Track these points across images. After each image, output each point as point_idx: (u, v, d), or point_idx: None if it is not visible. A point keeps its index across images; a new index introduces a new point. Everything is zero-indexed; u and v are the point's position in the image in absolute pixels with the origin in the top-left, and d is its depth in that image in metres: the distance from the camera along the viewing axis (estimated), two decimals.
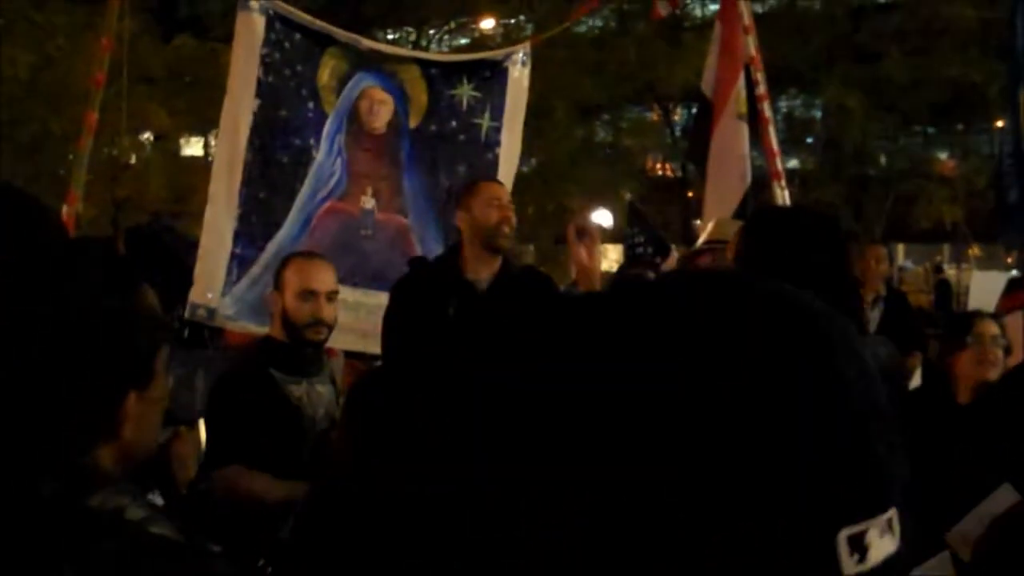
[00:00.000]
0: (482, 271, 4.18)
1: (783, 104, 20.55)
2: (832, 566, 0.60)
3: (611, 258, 16.09)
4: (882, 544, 0.61)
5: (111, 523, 1.12)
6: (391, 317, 4.27)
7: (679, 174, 21.90)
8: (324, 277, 3.82)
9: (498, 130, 6.06)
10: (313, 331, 3.76)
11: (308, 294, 3.75)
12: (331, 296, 3.81)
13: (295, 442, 3.65)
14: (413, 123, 5.95)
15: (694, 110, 18.18)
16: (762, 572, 0.60)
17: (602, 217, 17.37)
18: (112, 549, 1.08)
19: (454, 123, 6.02)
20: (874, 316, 6.47)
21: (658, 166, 24.14)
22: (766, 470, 0.60)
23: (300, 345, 3.78)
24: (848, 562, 0.60)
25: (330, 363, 4.05)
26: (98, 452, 1.22)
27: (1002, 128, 7.56)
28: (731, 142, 6.15)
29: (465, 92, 6.05)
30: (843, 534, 0.60)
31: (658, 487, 0.61)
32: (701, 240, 4.05)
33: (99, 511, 1.12)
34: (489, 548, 0.66)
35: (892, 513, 0.62)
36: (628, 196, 14.83)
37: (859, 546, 0.60)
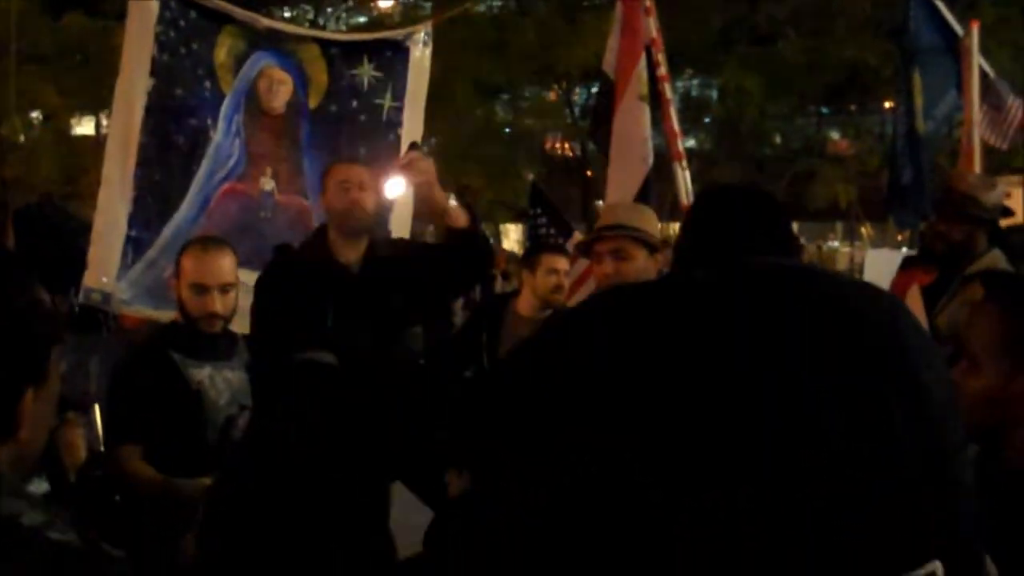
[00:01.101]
0: (350, 254, 4.12)
1: (679, 85, 20.75)
2: None
3: (512, 238, 16.13)
4: None
5: (7, 531, 1.07)
6: (263, 311, 4.07)
7: (579, 154, 22.02)
8: (216, 270, 3.74)
9: (399, 110, 6.00)
10: (207, 323, 3.72)
11: (200, 288, 3.70)
12: (225, 288, 3.74)
13: (196, 426, 3.62)
14: (313, 103, 5.87)
15: (594, 90, 18.32)
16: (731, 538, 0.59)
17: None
18: (9, 558, 1.04)
19: (355, 103, 5.94)
20: None
21: (557, 146, 24.23)
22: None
23: (199, 332, 3.73)
24: None
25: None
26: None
27: (895, 109, 7.70)
28: (633, 124, 6.16)
29: (366, 72, 5.98)
30: None
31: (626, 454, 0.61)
32: (599, 225, 4.00)
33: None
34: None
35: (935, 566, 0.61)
36: (531, 177, 14.87)
37: None
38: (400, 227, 5.71)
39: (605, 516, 0.59)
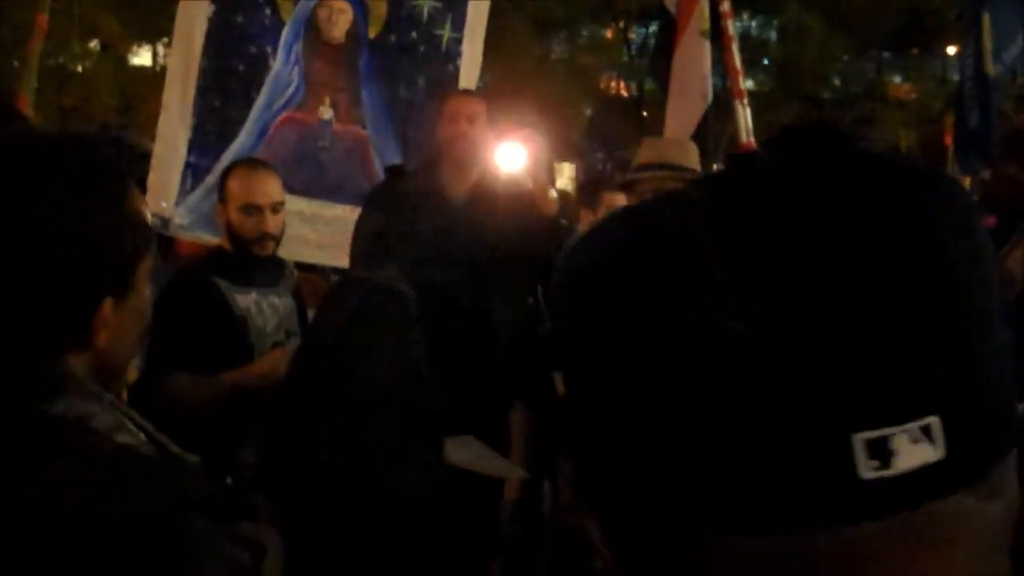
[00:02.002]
0: (456, 186, 4.09)
1: (738, 25, 20.39)
2: (847, 470, 0.58)
3: (566, 175, 16.01)
4: (915, 451, 0.59)
5: (76, 433, 1.06)
6: (364, 223, 4.16)
7: (634, 93, 21.78)
8: (267, 189, 3.73)
9: (459, 41, 5.94)
10: (259, 246, 3.69)
11: (251, 208, 3.67)
12: (276, 208, 3.72)
13: (241, 353, 3.59)
14: (372, 33, 5.83)
15: (651, 29, 18.03)
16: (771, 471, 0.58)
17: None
18: (73, 464, 1.03)
19: (414, 34, 5.89)
20: None
21: (613, 85, 23.99)
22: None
23: (249, 257, 3.70)
24: (866, 465, 0.58)
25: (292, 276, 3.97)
26: (68, 359, 1.16)
27: (962, 52, 7.53)
28: (693, 60, 6.08)
29: (425, 3, 5.92)
30: (859, 437, 0.58)
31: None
32: (641, 162, 3.90)
33: (62, 419, 1.06)
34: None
35: (931, 420, 0.59)
36: (588, 112, 14.72)
37: (881, 452, 0.58)
38: None
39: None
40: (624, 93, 23.40)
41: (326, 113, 5.70)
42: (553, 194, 3.95)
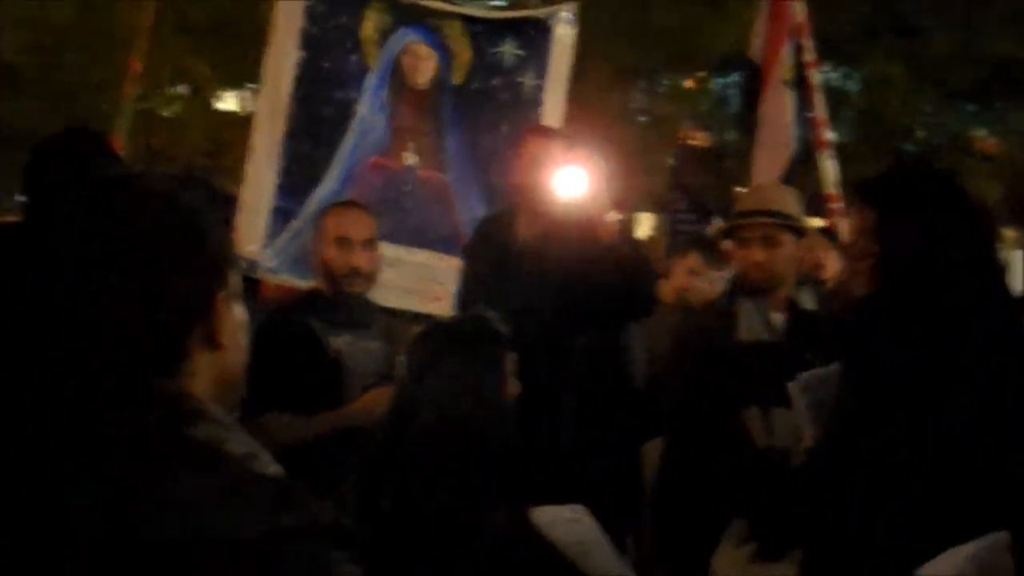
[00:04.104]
0: (532, 230, 4.08)
1: (819, 76, 20.20)
2: None
3: (646, 225, 15.97)
4: None
5: (214, 456, 1.08)
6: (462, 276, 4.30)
7: (715, 143, 21.72)
8: (359, 225, 3.76)
9: (541, 89, 5.97)
10: (350, 282, 3.69)
11: (343, 241, 3.69)
12: (367, 244, 3.73)
13: (334, 395, 3.57)
14: (456, 80, 5.89)
15: (730, 79, 17.97)
16: None
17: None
18: (215, 486, 1.04)
19: (497, 81, 5.95)
20: None
21: (692, 135, 23.93)
22: None
23: (342, 297, 3.71)
24: None
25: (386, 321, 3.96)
26: (196, 364, 1.18)
27: None
28: (777, 110, 6.07)
29: (509, 50, 5.97)
30: None
31: None
32: (745, 207, 3.85)
33: (201, 442, 1.08)
34: None
35: None
36: (670, 162, 14.69)
37: None
38: None
39: None
40: (703, 144, 23.36)
41: (410, 159, 5.75)
42: (614, 216, 3.89)
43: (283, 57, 5.56)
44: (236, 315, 1.28)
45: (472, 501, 2.39)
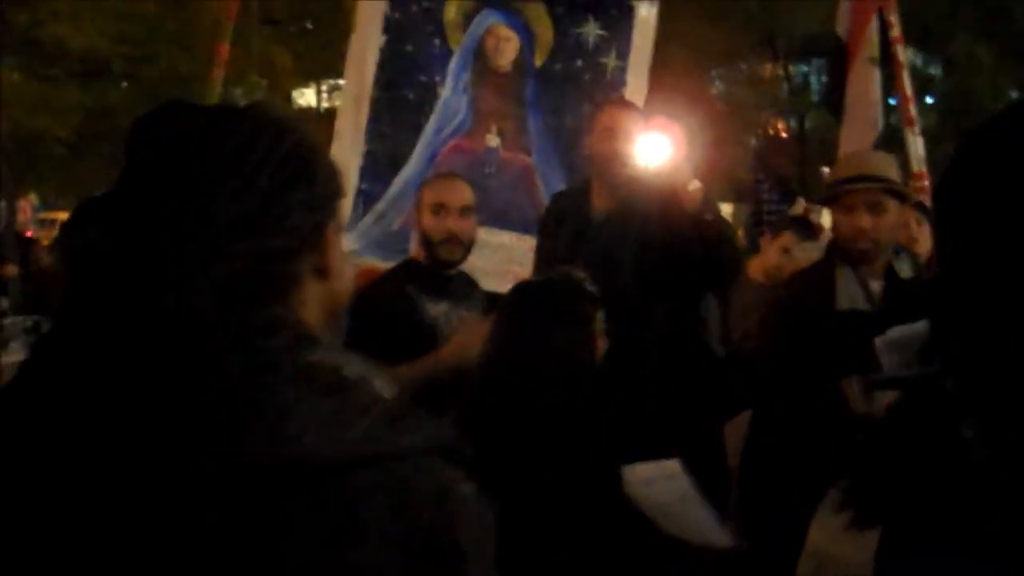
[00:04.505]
0: (603, 201, 4.04)
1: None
2: None
3: (728, 215, 15.81)
4: None
5: (333, 379, 1.09)
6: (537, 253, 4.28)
7: (794, 128, 21.47)
8: (456, 193, 3.76)
9: (624, 70, 5.95)
10: (447, 249, 3.68)
11: (439, 208, 3.69)
12: (464, 212, 3.72)
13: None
14: (538, 61, 5.89)
15: (811, 65, 17.71)
16: None
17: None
18: (336, 408, 1.06)
19: (579, 62, 5.93)
20: None
21: (771, 121, 23.67)
22: None
23: (439, 266, 3.72)
24: None
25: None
26: (306, 293, 1.19)
27: None
28: (864, 87, 5.98)
29: (591, 31, 5.95)
30: None
31: None
32: (845, 174, 3.72)
33: (322, 367, 1.09)
34: None
35: None
36: (753, 142, 14.54)
37: None
38: None
39: None
40: (782, 131, 23.09)
41: (493, 141, 5.77)
42: (696, 185, 3.78)
43: (367, 42, 5.61)
44: (343, 245, 1.29)
45: (562, 462, 2.39)
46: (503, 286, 5.16)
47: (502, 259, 5.44)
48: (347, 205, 5.45)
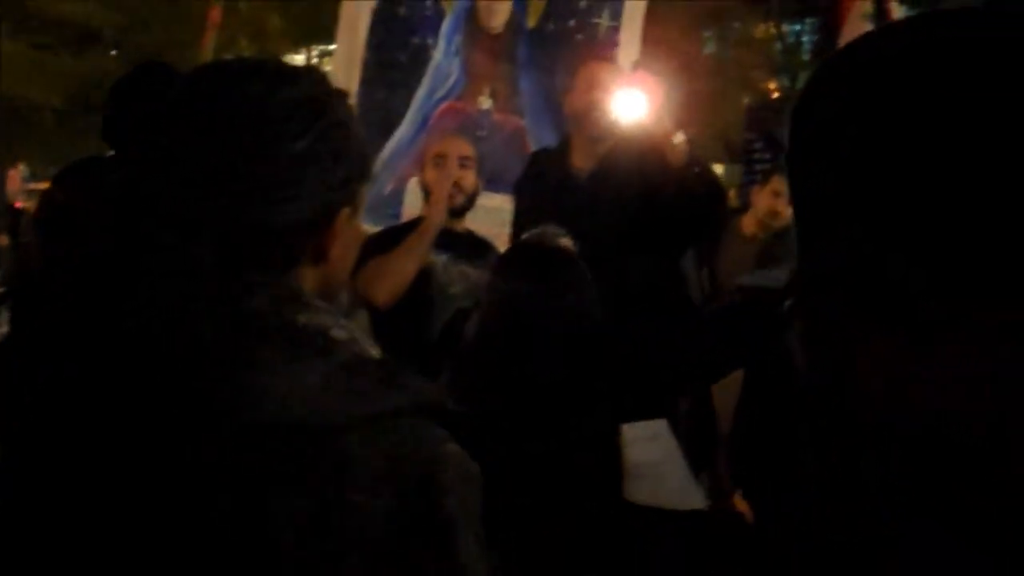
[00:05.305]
0: (585, 158, 3.96)
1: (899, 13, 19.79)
2: None
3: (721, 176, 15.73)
4: None
5: (319, 340, 1.10)
6: (514, 213, 4.19)
7: (786, 88, 21.40)
8: (455, 144, 3.84)
9: (616, 30, 5.93)
10: (449, 199, 3.70)
11: (440, 158, 3.74)
12: (464, 163, 3.77)
13: (419, 305, 3.58)
14: (531, 23, 5.87)
15: (805, 24, 17.63)
16: None
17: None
18: (322, 369, 1.06)
19: (572, 22, 5.91)
20: None
21: (767, 86, 23.58)
22: None
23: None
24: None
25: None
26: (302, 272, 1.19)
27: None
28: None
29: None
30: None
31: None
32: None
33: (307, 327, 1.10)
34: None
35: None
36: (746, 100, 14.46)
37: None
38: None
39: None
40: (774, 90, 23.01)
41: (485, 103, 5.76)
42: (680, 138, 3.72)
43: (359, 4, 5.58)
44: (357, 231, 1.28)
45: (558, 430, 2.39)
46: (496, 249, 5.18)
47: (494, 222, 5.41)
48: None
